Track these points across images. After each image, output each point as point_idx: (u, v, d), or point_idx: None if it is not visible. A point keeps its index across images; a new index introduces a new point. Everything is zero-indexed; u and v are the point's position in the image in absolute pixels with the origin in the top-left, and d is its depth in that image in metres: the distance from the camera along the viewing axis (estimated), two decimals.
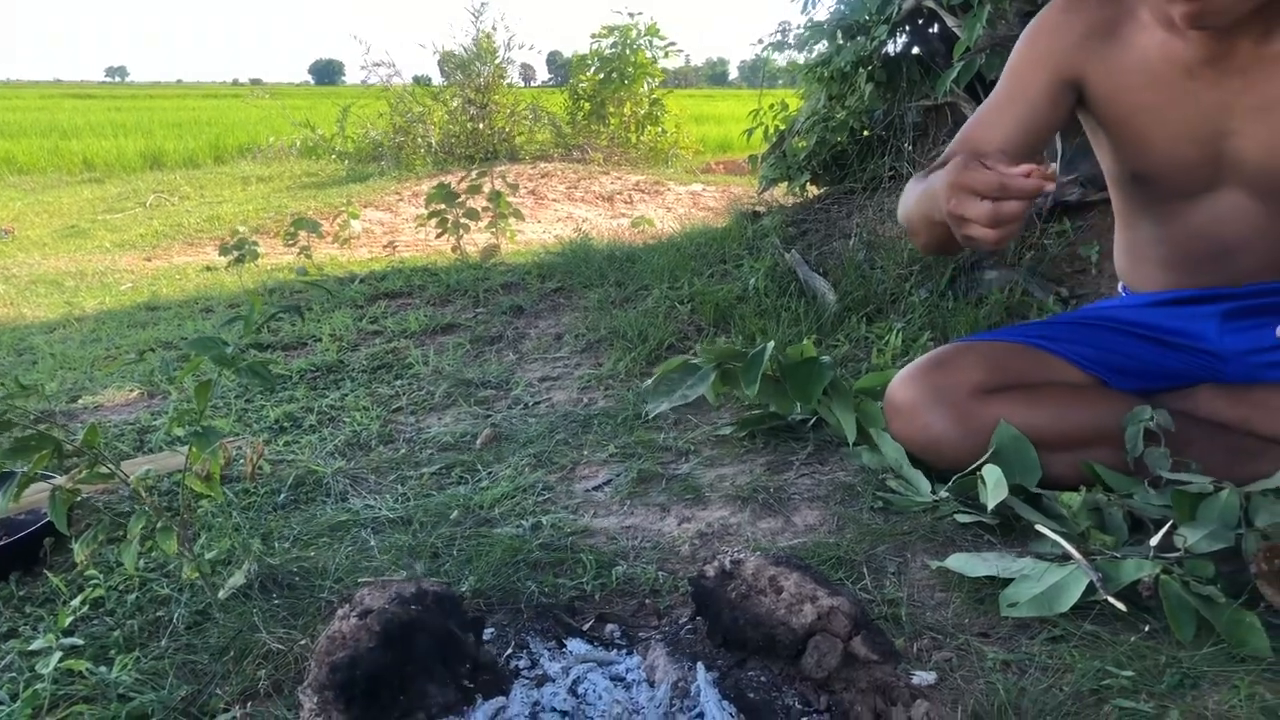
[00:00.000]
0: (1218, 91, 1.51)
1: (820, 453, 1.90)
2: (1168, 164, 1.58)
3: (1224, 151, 1.54)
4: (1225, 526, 1.38)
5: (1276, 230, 1.58)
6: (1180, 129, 1.55)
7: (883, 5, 3.38)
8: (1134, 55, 1.54)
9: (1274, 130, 1.50)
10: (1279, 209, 1.56)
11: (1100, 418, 1.61)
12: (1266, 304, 1.63)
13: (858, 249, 3.13)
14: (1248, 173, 1.54)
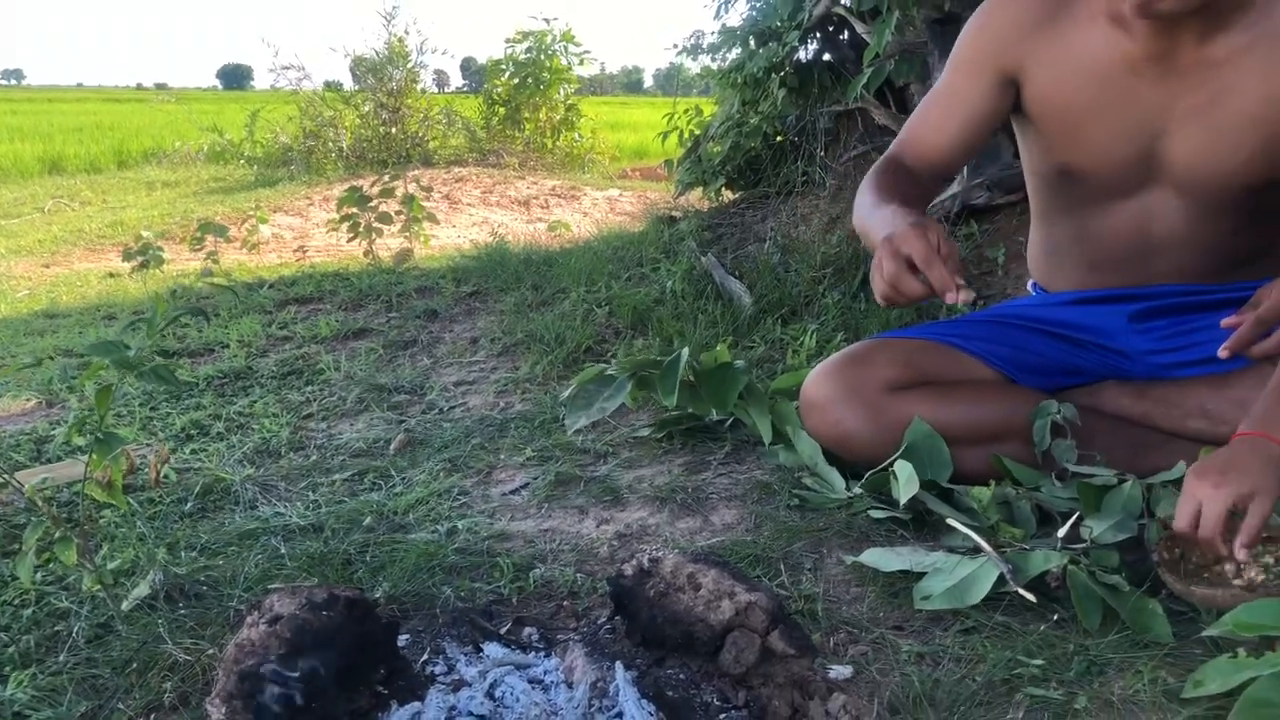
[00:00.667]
0: (1158, 90, 1.52)
1: (737, 452, 1.91)
2: (1101, 160, 1.60)
3: (1156, 151, 1.56)
4: (1129, 517, 1.42)
5: (1195, 233, 1.61)
6: (1117, 126, 1.56)
7: (794, 12, 3.42)
8: (1075, 50, 1.56)
9: (1208, 133, 1.52)
10: (1201, 212, 1.59)
11: (1009, 413, 1.65)
12: (1173, 305, 1.67)
13: (772, 252, 3.16)
14: (1177, 174, 1.57)
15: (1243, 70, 1.47)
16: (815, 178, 3.56)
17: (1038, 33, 1.58)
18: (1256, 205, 1.58)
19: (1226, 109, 1.49)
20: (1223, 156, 1.52)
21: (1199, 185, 1.56)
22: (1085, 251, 1.72)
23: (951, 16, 2.80)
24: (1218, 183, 1.54)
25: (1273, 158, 1.51)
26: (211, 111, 13.83)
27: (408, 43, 10.01)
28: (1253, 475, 1.23)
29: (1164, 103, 1.52)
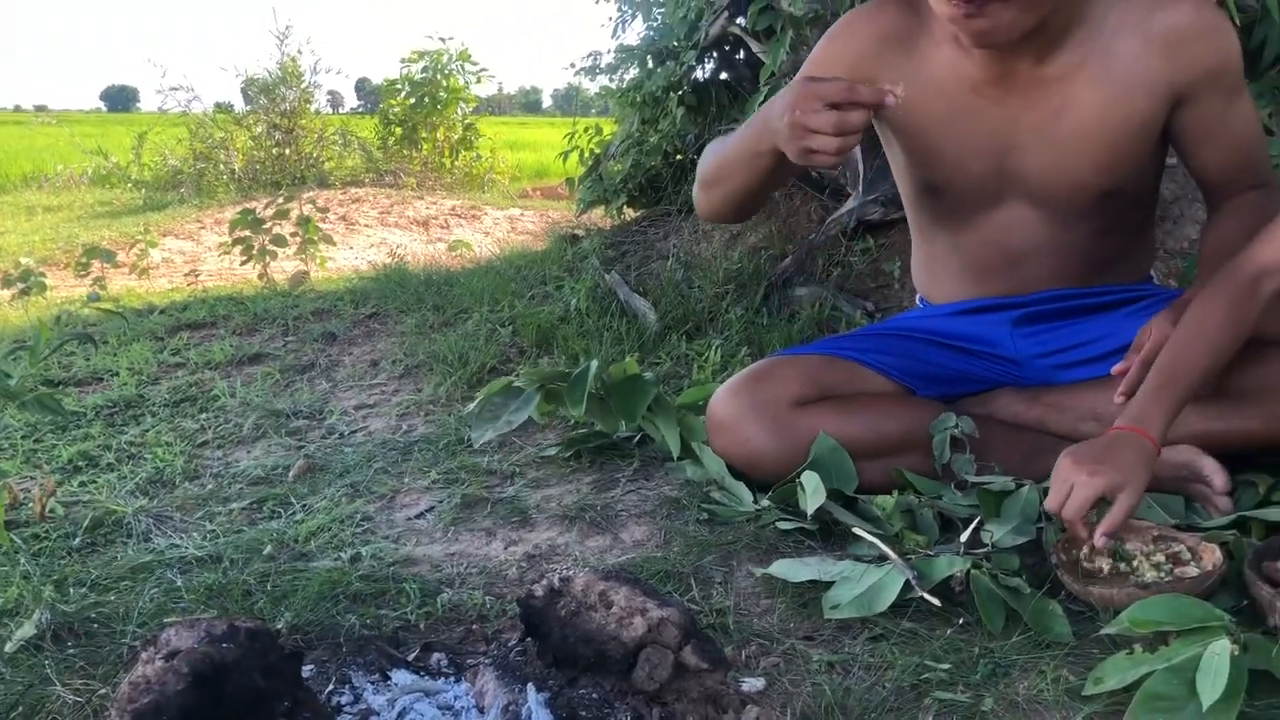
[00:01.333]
0: (1001, 109, 1.59)
1: (646, 468, 1.91)
2: (957, 175, 1.67)
3: (1008, 166, 1.63)
4: (1027, 521, 1.46)
5: (1060, 240, 1.68)
6: (967, 143, 1.63)
7: (690, 31, 3.46)
8: (927, 69, 1.61)
9: (1053, 146, 1.59)
10: (1061, 220, 1.66)
11: (909, 426, 1.68)
12: (1054, 309, 1.74)
13: (676, 269, 3.18)
14: (1031, 187, 1.64)
15: (1078, 85, 1.55)
16: None
17: (895, 50, 1.63)
18: (1112, 210, 1.67)
19: (1067, 122, 1.57)
20: (1070, 168, 1.60)
21: (1053, 196, 1.64)
22: (959, 263, 1.77)
23: None
24: (1070, 193, 1.63)
25: (1118, 166, 1.60)
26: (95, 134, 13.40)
27: (301, 63, 9.86)
28: (1125, 469, 1.29)
29: (1008, 120, 1.60)
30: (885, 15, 1.65)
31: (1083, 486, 1.28)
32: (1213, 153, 1.60)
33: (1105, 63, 1.54)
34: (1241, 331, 1.41)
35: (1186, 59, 1.53)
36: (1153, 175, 1.71)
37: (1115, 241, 1.73)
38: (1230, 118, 1.58)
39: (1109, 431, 1.35)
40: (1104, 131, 1.57)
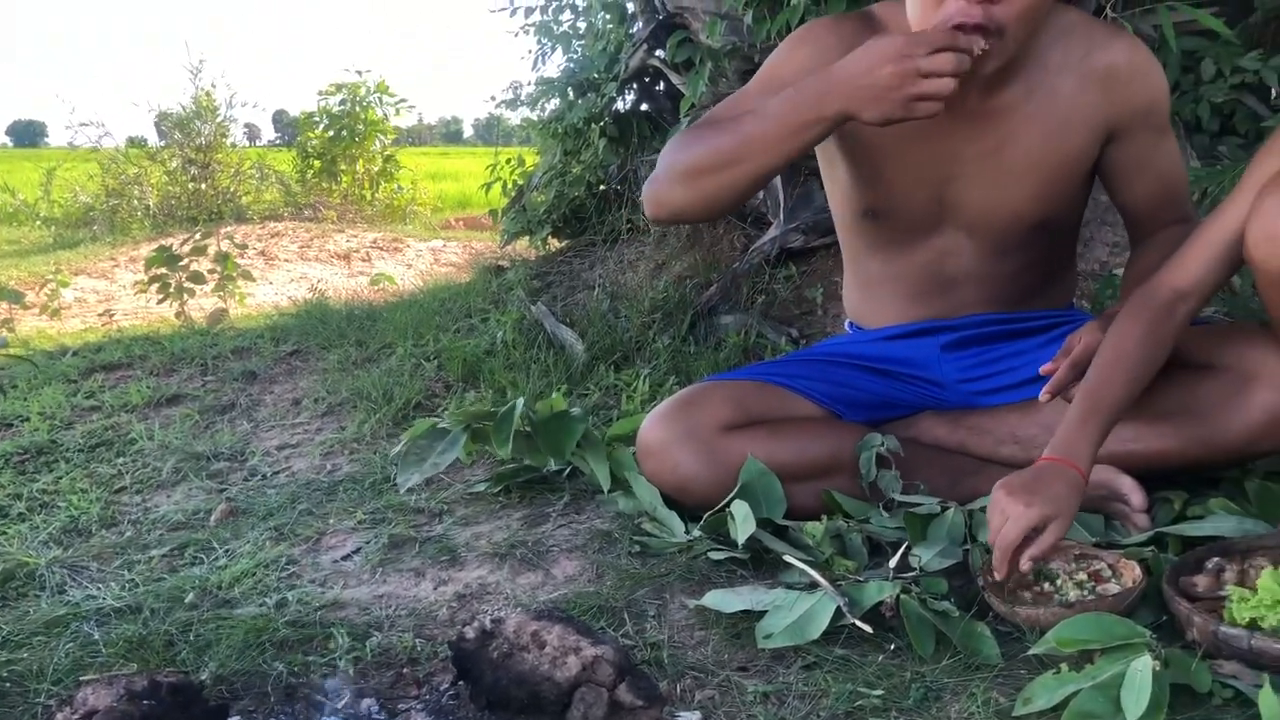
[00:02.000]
0: (947, 139, 1.62)
1: (577, 502, 1.90)
2: (900, 202, 1.69)
3: (949, 195, 1.67)
4: (953, 544, 1.49)
5: (992, 268, 1.73)
6: (913, 171, 1.66)
7: (610, 64, 3.49)
8: None
9: (993, 177, 1.64)
10: (995, 249, 1.71)
11: (836, 448, 1.70)
12: (981, 334, 1.77)
13: (602, 299, 3.18)
14: (969, 215, 1.68)
15: (1020, 119, 1.60)
16: (640, 225, 3.61)
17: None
18: (1042, 240, 1.72)
19: (1009, 155, 1.62)
20: (1009, 199, 1.65)
21: (990, 226, 1.68)
22: (893, 288, 1.80)
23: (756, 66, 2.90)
24: (1006, 223, 1.67)
25: (1052, 198, 1.65)
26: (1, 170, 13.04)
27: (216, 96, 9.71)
28: (1057, 500, 1.31)
29: (953, 150, 1.63)
30: (846, 28, 1.65)
31: (1018, 518, 1.30)
32: (1141, 187, 1.66)
33: (1047, 98, 1.59)
34: (1159, 355, 1.45)
35: (1122, 97, 1.60)
36: (1080, 207, 1.77)
37: (1043, 270, 1.78)
38: (1158, 154, 1.65)
39: (1039, 462, 1.38)
40: (1043, 165, 1.63)
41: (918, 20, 1.50)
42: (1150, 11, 2.55)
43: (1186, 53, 2.62)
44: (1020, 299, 1.77)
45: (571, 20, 4.04)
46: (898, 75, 1.37)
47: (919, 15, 1.50)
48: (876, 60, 1.39)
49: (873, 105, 1.40)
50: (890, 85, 1.38)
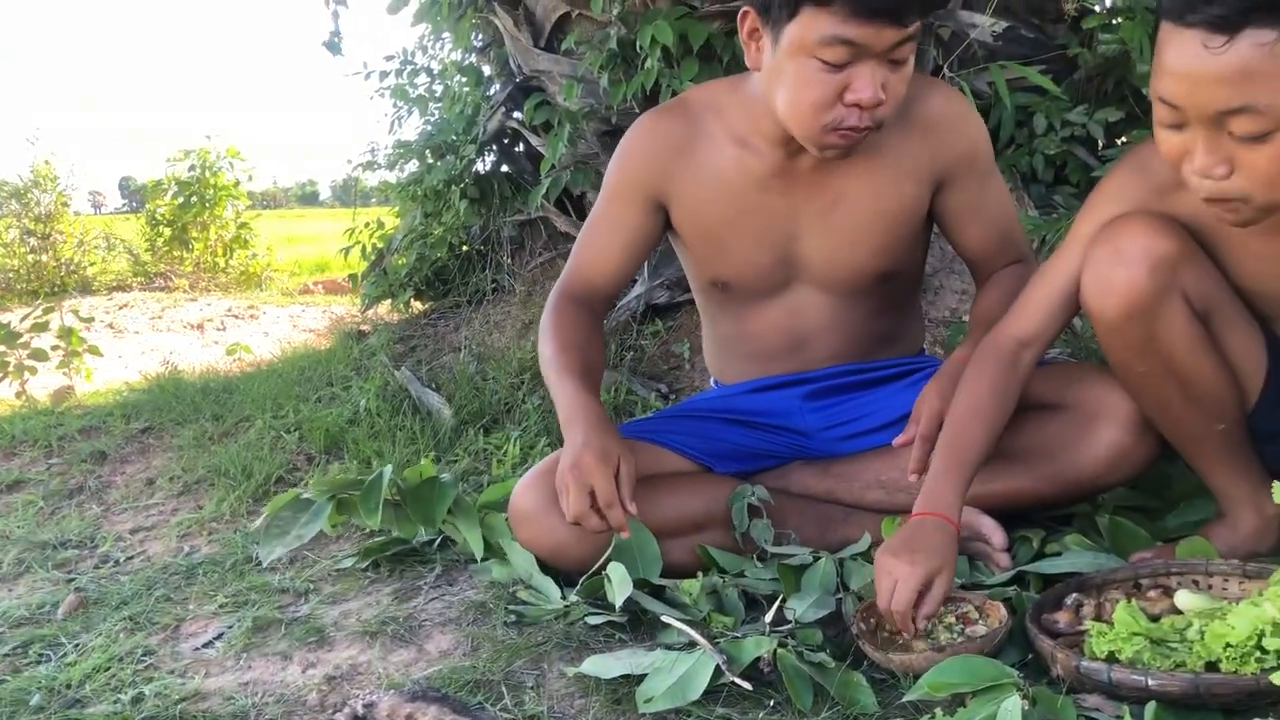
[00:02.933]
0: (786, 200, 1.67)
1: (449, 573, 1.86)
2: (746, 270, 1.73)
3: (793, 254, 1.72)
4: (826, 593, 1.50)
5: (842, 320, 1.77)
6: (755, 238, 1.70)
7: (468, 126, 3.49)
8: (710, 171, 1.68)
9: (834, 232, 1.69)
10: (843, 302, 1.76)
11: (709, 502, 1.71)
12: (839, 384, 1.81)
13: (468, 362, 3.15)
14: (814, 272, 1.73)
15: (852, 175, 1.65)
16: (505, 285, 3.60)
17: (678, 159, 1.70)
18: (888, 290, 1.78)
19: (845, 210, 1.67)
20: (849, 253, 1.70)
21: (835, 280, 1.73)
22: (748, 347, 1.85)
23: (619, 128, 2.94)
24: (850, 276, 1.73)
25: (891, 249, 1.71)
26: None
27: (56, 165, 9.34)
28: (938, 554, 1.35)
29: (792, 210, 1.68)
30: (664, 125, 1.71)
31: (906, 579, 1.33)
32: (974, 231, 1.74)
33: (875, 153, 1.65)
34: (1009, 403, 1.51)
35: (943, 144, 1.67)
36: (921, 255, 1.84)
37: (891, 319, 1.84)
38: (986, 198, 1.73)
39: (911, 518, 1.41)
40: (878, 217, 1.69)
41: (794, 109, 1.51)
42: (984, 70, 2.70)
43: (1020, 108, 2.77)
44: (873, 348, 1.83)
45: (428, 83, 4.03)
46: (562, 491, 1.54)
47: (799, 109, 1.50)
48: (571, 446, 1.56)
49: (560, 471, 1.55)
50: (562, 473, 1.54)
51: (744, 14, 1.54)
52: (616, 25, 2.69)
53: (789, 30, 1.46)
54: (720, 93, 1.71)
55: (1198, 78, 1.16)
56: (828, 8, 1.41)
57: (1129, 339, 1.41)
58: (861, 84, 1.44)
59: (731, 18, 2.67)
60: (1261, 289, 1.45)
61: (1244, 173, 1.20)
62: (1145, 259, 1.36)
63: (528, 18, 3.15)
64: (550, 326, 1.72)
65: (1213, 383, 1.44)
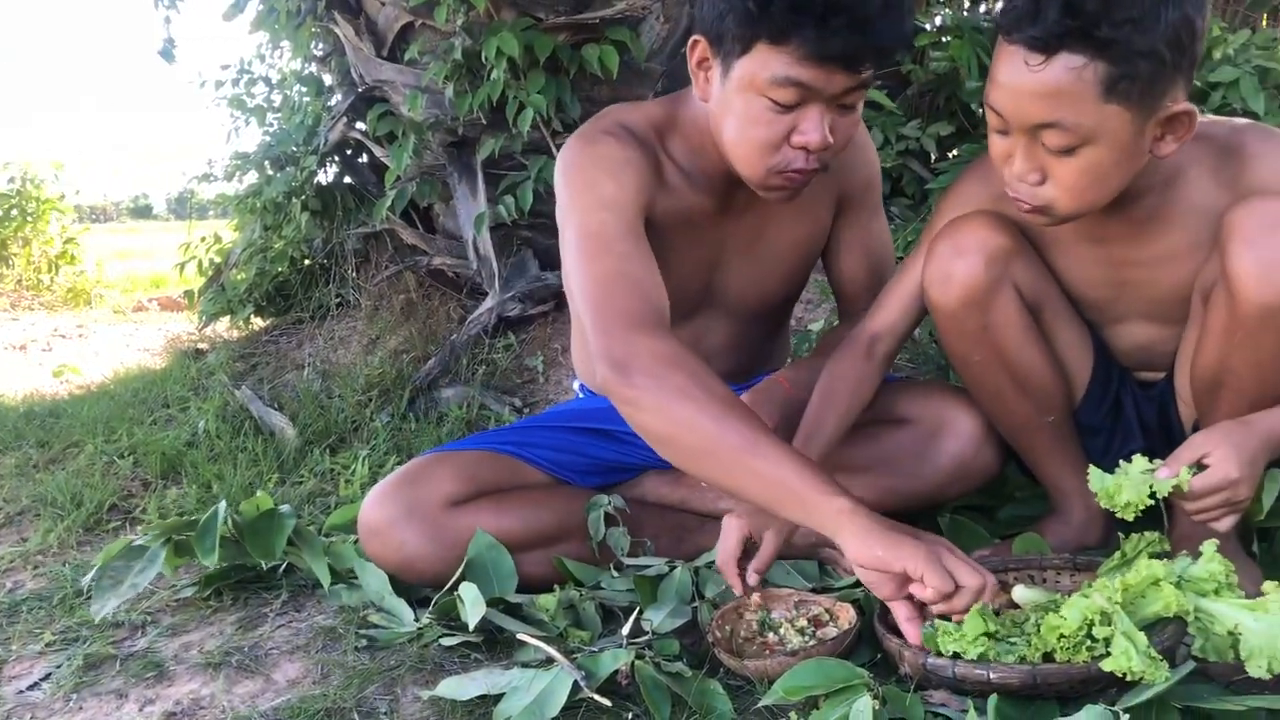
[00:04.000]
0: (717, 231, 1.68)
1: (296, 599, 1.80)
2: (672, 291, 1.55)
3: (714, 282, 1.74)
4: (682, 602, 1.51)
5: (738, 341, 1.81)
6: (688, 264, 1.68)
7: (309, 137, 3.40)
8: (673, 198, 1.62)
9: (752, 263, 1.72)
10: (743, 324, 1.80)
11: (565, 513, 1.70)
12: None
13: (313, 379, 3.06)
14: (728, 298, 1.75)
15: (776, 206, 1.64)
16: (350, 299, 3.52)
17: (657, 180, 1.61)
18: (783, 312, 1.86)
19: (767, 241, 1.71)
20: (764, 280, 1.74)
21: (744, 306, 1.77)
22: None
23: (466, 140, 2.91)
24: (758, 303, 1.77)
25: (798, 275, 1.78)
26: None
27: None
28: (765, 514, 1.40)
29: (721, 241, 1.70)
30: (636, 146, 1.58)
31: (730, 531, 1.41)
32: (852, 262, 1.79)
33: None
34: (864, 390, 1.57)
35: (848, 170, 1.71)
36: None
37: (776, 337, 1.91)
38: (872, 231, 1.79)
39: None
40: (796, 246, 1.73)
41: (741, 147, 1.47)
42: None
43: None
44: (755, 365, 1.87)
45: (266, 93, 3.92)
46: (882, 590, 1.26)
47: (746, 147, 1.46)
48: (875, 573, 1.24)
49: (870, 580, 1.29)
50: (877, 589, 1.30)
51: (694, 42, 1.48)
52: (461, 36, 2.66)
53: (740, 65, 1.41)
54: (658, 121, 1.63)
55: (1018, 91, 1.24)
56: (783, 47, 1.36)
57: (966, 327, 1.49)
58: (810, 126, 1.41)
59: (578, 29, 2.69)
60: (1087, 293, 1.55)
61: (1053, 182, 1.29)
62: (981, 251, 1.45)
63: (369, 27, 3.09)
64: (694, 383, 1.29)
65: (1042, 374, 1.53)
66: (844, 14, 1.32)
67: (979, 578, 1.19)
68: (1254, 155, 1.36)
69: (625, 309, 1.36)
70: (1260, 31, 2.90)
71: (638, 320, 1.35)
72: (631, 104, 1.70)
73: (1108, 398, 1.60)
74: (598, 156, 1.54)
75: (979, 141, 2.87)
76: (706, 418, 1.26)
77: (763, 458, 1.24)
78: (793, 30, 1.34)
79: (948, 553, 1.21)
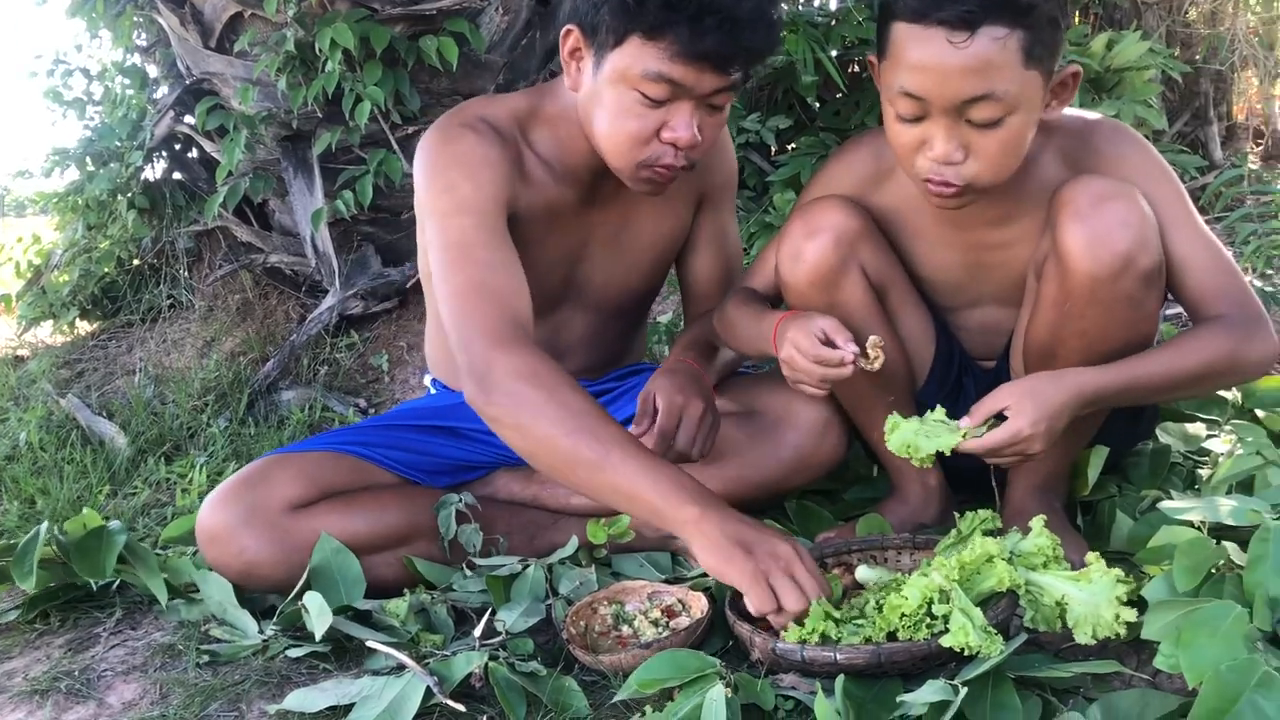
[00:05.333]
0: (582, 225, 1.68)
1: (132, 616, 1.71)
2: (535, 284, 1.58)
3: (575, 276, 1.73)
4: (536, 600, 1.51)
5: (596, 337, 1.81)
6: (552, 255, 1.67)
7: (134, 131, 3.24)
8: (534, 188, 1.61)
9: (615, 257, 1.73)
10: (604, 321, 1.80)
11: (413, 513, 1.67)
12: None
13: (145, 385, 2.93)
14: (588, 293, 1.75)
15: (635, 200, 1.67)
16: (183, 300, 3.37)
17: (514, 169, 1.58)
18: (641, 307, 1.86)
19: (630, 234, 1.72)
20: (626, 276, 1.75)
21: (605, 301, 1.77)
22: None
23: (301, 133, 2.82)
24: (618, 297, 1.78)
25: (659, 271, 1.80)
26: None
27: None
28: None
29: (585, 234, 1.70)
30: (494, 140, 1.56)
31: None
32: (705, 260, 1.82)
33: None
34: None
35: (710, 168, 1.74)
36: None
37: (633, 334, 1.92)
38: (725, 230, 1.83)
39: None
40: (658, 240, 1.74)
41: (611, 139, 1.48)
42: None
43: None
44: (613, 361, 1.88)
45: (86, 85, 3.71)
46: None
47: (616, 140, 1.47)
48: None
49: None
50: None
51: (567, 32, 1.48)
52: (293, 27, 2.57)
53: (613, 57, 1.43)
54: (521, 112, 1.61)
55: (945, 71, 1.27)
56: (656, 43, 1.38)
57: (813, 304, 1.53)
58: (679, 123, 1.44)
59: (415, 21, 2.64)
60: (943, 278, 1.61)
61: (976, 157, 1.34)
62: (831, 231, 1.50)
63: (195, 16, 2.96)
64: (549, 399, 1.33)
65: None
66: (717, 14, 1.36)
67: (800, 601, 1.24)
68: (1103, 147, 1.45)
69: (484, 324, 1.39)
70: (1072, 28, 3.06)
71: (497, 335, 1.38)
72: (494, 96, 1.72)
73: (949, 380, 1.66)
74: (455, 155, 1.53)
75: (816, 134, 2.95)
76: (561, 434, 1.31)
77: (615, 471, 1.29)
78: (667, 26, 1.37)
79: (779, 572, 1.25)
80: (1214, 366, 1.37)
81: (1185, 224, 1.41)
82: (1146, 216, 1.34)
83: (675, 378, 1.61)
